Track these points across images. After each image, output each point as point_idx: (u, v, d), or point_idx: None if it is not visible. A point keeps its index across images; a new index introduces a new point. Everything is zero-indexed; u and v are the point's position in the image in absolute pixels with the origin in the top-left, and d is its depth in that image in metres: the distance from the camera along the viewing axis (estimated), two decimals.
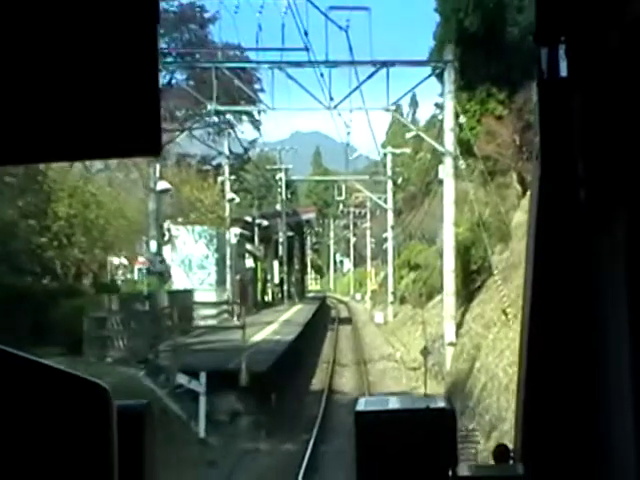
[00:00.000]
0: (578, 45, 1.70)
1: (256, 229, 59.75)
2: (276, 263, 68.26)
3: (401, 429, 1.97)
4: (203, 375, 21.97)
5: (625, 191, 1.67)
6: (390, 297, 56.55)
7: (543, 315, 1.87)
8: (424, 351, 29.74)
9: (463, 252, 31.22)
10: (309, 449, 21.68)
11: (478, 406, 22.22)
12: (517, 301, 20.59)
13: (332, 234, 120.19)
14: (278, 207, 68.82)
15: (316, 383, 33.88)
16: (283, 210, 67.54)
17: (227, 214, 47.88)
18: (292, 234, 72.63)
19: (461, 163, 29.92)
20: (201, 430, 21.66)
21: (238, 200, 52.48)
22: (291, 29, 40.91)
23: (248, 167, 63.77)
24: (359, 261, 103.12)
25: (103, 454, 1.12)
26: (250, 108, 41.85)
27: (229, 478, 19.44)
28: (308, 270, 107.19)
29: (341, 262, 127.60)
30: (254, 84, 46.84)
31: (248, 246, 57.87)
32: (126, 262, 46.25)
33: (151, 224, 33.06)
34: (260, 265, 62.90)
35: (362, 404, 2.07)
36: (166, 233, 42.19)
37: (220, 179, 49.75)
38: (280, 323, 42.51)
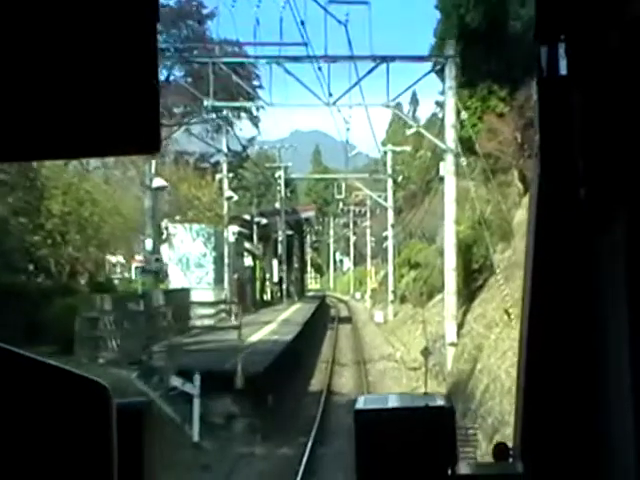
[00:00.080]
0: (578, 44, 1.69)
1: (255, 227, 59.59)
2: (275, 262, 68.06)
3: (400, 427, 1.98)
4: (197, 377, 21.59)
5: (625, 190, 1.66)
6: (390, 296, 56.45)
7: (542, 313, 1.88)
8: (425, 351, 29.59)
9: (464, 250, 31.07)
10: (306, 453, 21.31)
11: (480, 408, 21.94)
12: (520, 301, 20.21)
13: (332, 233, 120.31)
14: (277, 205, 68.66)
15: (315, 384, 33.62)
16: (282, 208, 67.30)
17: (225, 212, 47.56)
18: (291, 233, 72.49)
19: (462, 160, 29.82)
20: (195, 434, 21.27)
21: (237, 198, 52.21)
22: (289, 24, 40.98)
23: (247, 165, 63.58)
24: (359, 260, 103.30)
25: (103, 452, 1.13)
26: (248, 104, 41.52)
27: None
28: (308, 269, 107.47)
29: (341, 261, 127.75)
30: (252, 81, 46.63)
31: (247, 244, 57.64)
32: (124, 261, 46.09)
33: (147, 222, 32.69)
34: (259, 264, 62.72)
35: (361, 402, 2.06)
36: (164, 231, 41.93)
37: (218, 177, 49.45)
38: (279, 323, 42.23)
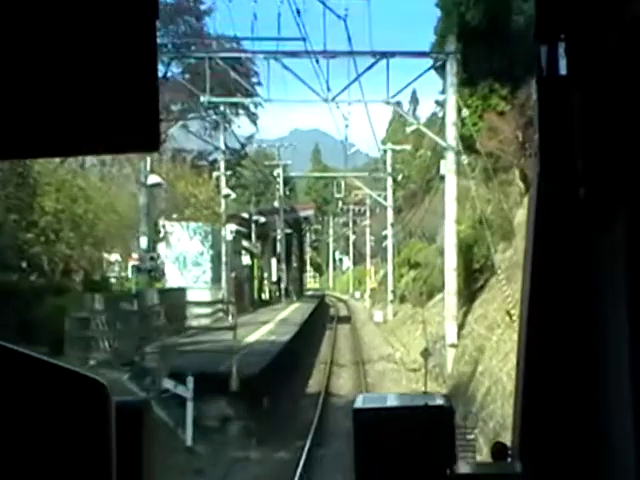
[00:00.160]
0: (578, 43, 1.71)
1: (253, 226, 59.20)
2: (274, 261, 67.69)
3: (399, 426, 1.98)
4: (190, 380, 21.09)
5: (625, 190, 1.67)
6: (390, 296, 56.24)
7: (542, 313, 1.87)
8: (425, 353, 29.26)
9: (465, 250, 30.77)
10: (303, 456, 20.87)
11: (481, 412, 21.58)
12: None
13: (331, 231, 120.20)
14: (276, 204, 68.33)
15: (312, 385, 33.23)
16: (281, 207, 66.96)
17: (223, 210, 47.12)
18: (290, 231, 72.19)
19: (463, 158, 29.54)
20: (188, 437, 20.84)
21: (234, 196, 51.72)
22: (288, 18, 40.53)
23: (246, 163, 63.23)
24: (358, 259, 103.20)
25: (101, 450, 1.14)
26: (245, 100, 41.08)
27: None
28: (306, 268, 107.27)
29: (340, 260, 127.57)
30: (251, 77, 46.23)
31: (245, 243, 57.23)
32: (121, 259, 45.58)
33: (142, 219, 32.21)
34: (257, 263, 62.32)
35: (360, 401, 2.05)
36: (161, 230, 41.46)
37: (215, 174, 49.03)
38: (276, 322, 41.88)
